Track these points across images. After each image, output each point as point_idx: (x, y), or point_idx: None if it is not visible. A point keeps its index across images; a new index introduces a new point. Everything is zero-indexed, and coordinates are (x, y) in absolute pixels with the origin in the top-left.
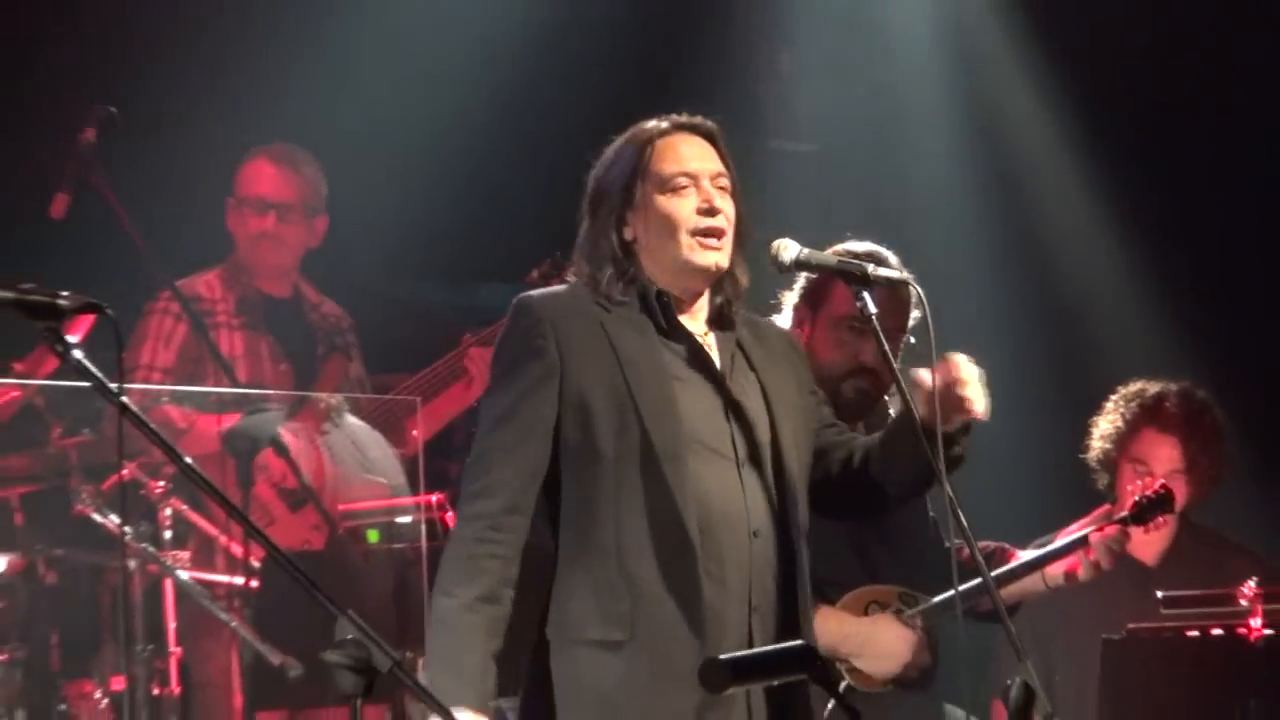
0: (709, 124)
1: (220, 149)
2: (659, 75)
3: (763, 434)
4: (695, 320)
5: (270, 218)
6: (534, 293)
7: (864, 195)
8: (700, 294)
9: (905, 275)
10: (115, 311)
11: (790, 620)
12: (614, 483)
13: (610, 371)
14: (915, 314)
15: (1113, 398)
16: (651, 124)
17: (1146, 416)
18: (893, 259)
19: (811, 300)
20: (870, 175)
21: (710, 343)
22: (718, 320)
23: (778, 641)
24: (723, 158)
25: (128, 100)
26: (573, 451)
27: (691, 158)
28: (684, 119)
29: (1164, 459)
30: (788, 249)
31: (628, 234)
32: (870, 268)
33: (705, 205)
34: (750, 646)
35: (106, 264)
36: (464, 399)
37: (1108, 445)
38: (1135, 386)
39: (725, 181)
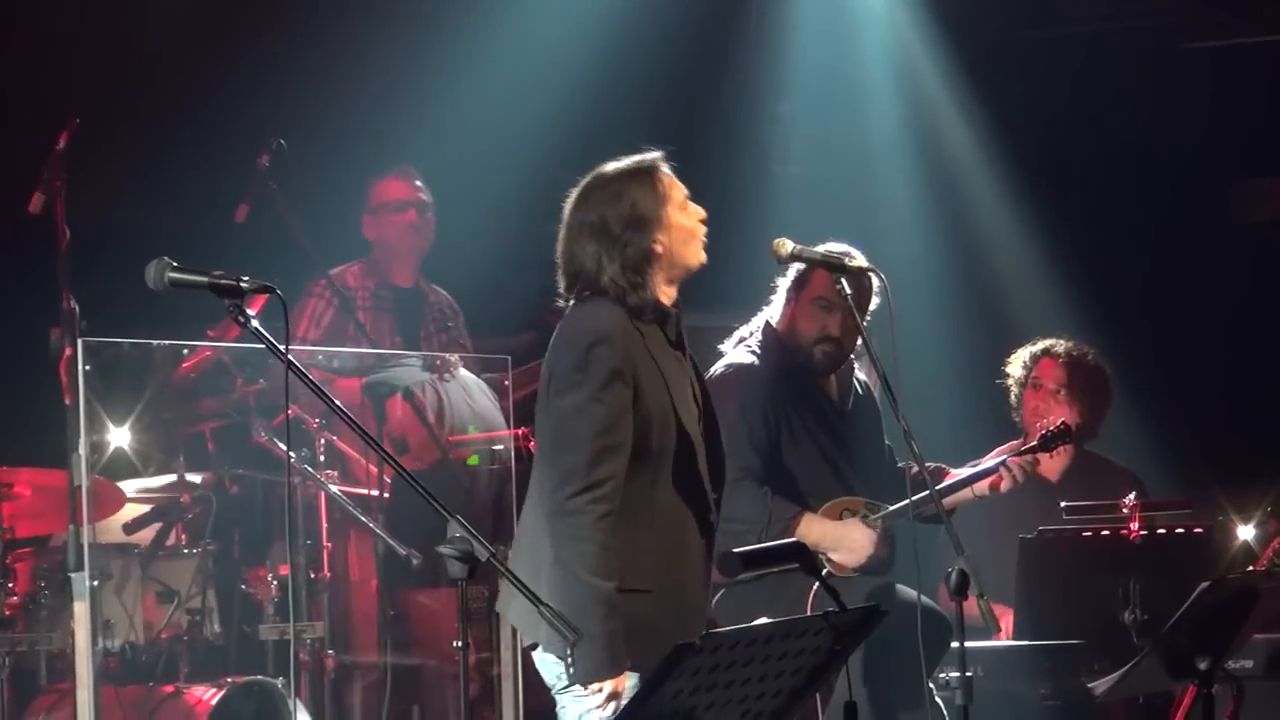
0: None
1: (364, 169)
2: (697, 116)
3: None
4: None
5: (412, 213)
6: (599, 321)
7: (841, 205)
8: None
9: (871, 265)
10: (283, 293)
11: (710, 554)
12: (652, 470)
13: (659, 387)
14: (875, 300)
15: (1021, 350)
16: (644, 160)
17: (1044, 355)
18: (860, 256)
19: (796, 285)
20: (845, 190)
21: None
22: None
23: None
24: None
25: (293, 130)
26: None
27: (680, 183)
28: (661, 154)
29: (1052, 378)
30: (786, 246)
31: (658, 249)
32: (847, 259)
33: (701, 218)
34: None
35: (275, 257)
36: None
37: (1019, 372)
38: (1040, 342)
39: None
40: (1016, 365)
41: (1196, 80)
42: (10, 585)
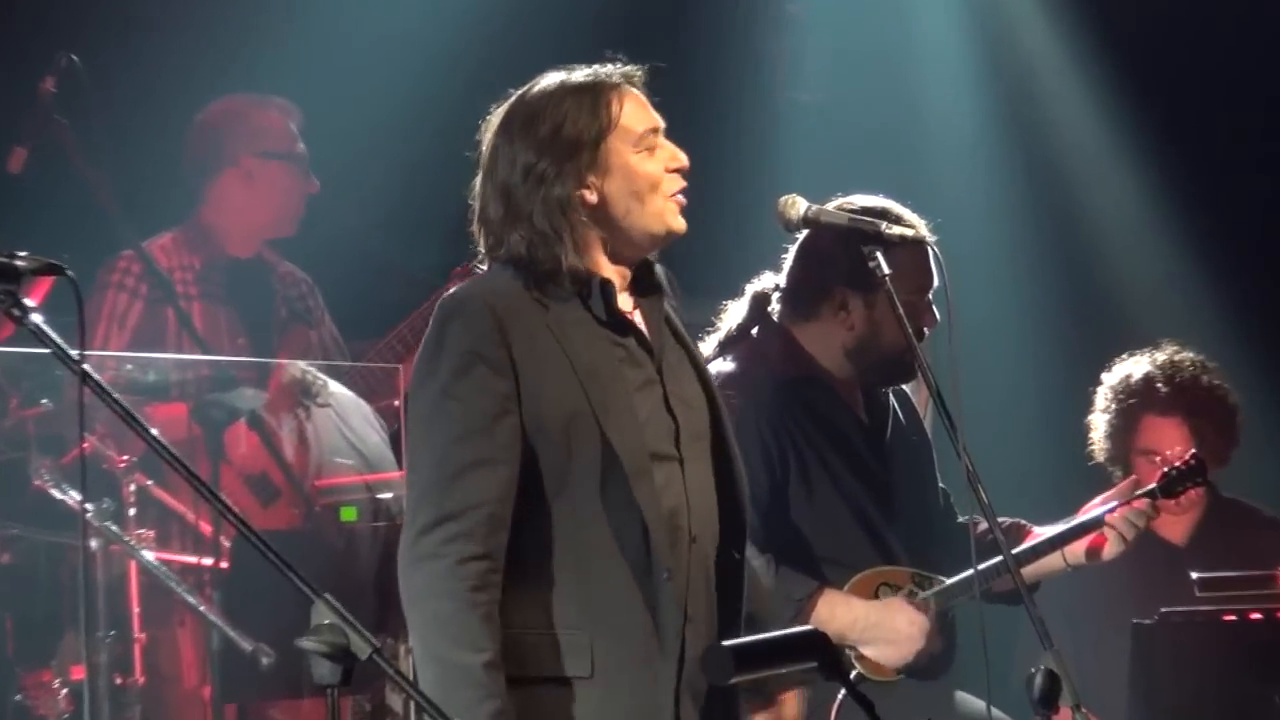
0: (641, 71)
1: (193, 102)
2: (659, 22)
3: (701, 421)
4: (624, 291)
5: (313, 178)
6: (470, 288)
7: (875, 147)
8: (639, 262)
9: (921, 233)
10: (77, 274)
11: (725, 628)
12: (570, 505)
13: (565, 382)
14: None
15: (1101, 390)
16: (598, 72)
17: (1141, 405)
18: (907, 214)
19: (857, 279)
20: (881, 126)
21: (638, 319)
22: (645, 286)
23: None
24: None
25: (93, 48)
26: (524, 472)
27: (651, 112)
28: (633, 69)
29: (1172, 441)
30: (798, 206)
31: (590, 197)
32: (883, 226)
33: (677, 165)
34: (682, 659)
35: (67, 222)
36: None
37: (1110, 444)
38: (1120, 373)
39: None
40: (1105, 422)
41: None
42: None
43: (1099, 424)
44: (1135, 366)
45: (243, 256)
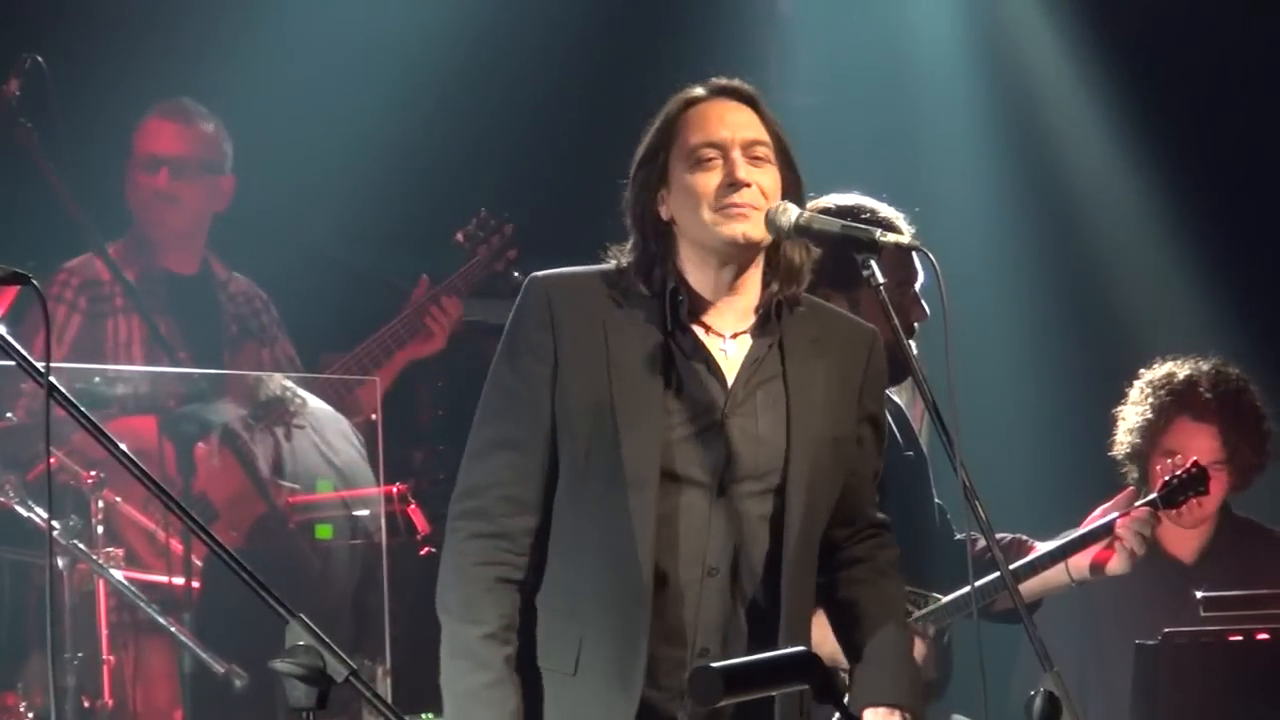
0: (747, 87)
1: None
2: (645, 23)
3: (765, 460)
4: (734, 316)
5: (162, 174)
6: (546, 274)
7: (874, 152)
8: (740, 279)
9: (914, 239)
10: (41, 284)
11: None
12: (576, 502)
13: (597, 378)
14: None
15: (1138, 384)
16: (689, 91)
17: (1178, 405)
18: (884, 209)
19: (841, 279)
20: (881, 130)
21: (732, 346)
22: (766, 315)
23: None
24: (766, 122)
25: (58, 49)
26: (550, 463)
27: (721, 126)
28: (721, 83)
29: (1201, 450)
30: (789, 213)
31: (664, 213)
32: (878, 233)
33: (729, 179)
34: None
35: (32, 229)
36: (419, 353)
37: (1136, 439)
38: (1163, 370)
39: (762, 150)
40: (1136, 416)
41: None
42: None
43: (1129, 416)
44: (1180, 367)
45: (181, 271)
